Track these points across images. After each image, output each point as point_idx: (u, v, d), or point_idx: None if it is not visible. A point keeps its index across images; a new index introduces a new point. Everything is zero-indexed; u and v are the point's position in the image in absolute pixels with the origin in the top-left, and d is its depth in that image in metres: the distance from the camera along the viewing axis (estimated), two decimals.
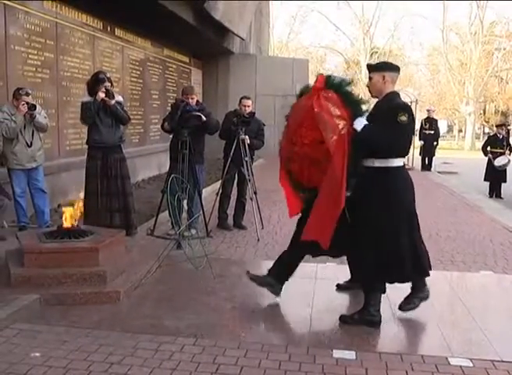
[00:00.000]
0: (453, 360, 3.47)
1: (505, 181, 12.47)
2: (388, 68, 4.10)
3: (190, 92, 6.55)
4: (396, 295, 4.46)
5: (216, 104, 15.61)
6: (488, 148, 12.85)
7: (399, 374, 3.29)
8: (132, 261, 5.13)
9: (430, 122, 16.50)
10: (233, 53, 16.70)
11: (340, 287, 4.82)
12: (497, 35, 38.11)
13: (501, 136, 12.86)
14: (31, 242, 4.81)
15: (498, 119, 26.00)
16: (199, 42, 13.90)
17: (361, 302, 4.10)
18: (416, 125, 19.52)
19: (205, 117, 6.34)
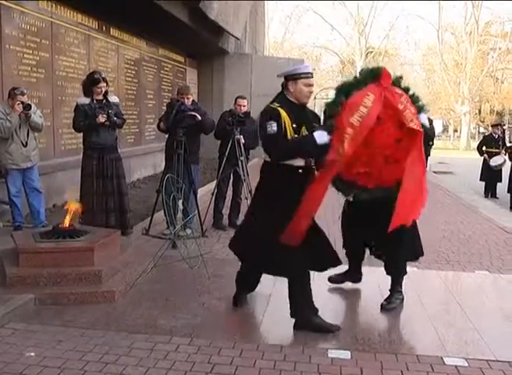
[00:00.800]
0: (448, 360, 3.47)
1: (500, 181, 12.50)
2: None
3: (186, 92, 6.53)
4: None
5: (211, 104, 15.61)
6: (483, 148, 12.90)
7: (394, 374, 3.29)
8: (127, 261, 5.12)
9: None
10: (228, 53, 16.68)
11: (332, 281, 4.84)
12: (492, 35, 38.30)
13: (496, 135, 12.89)
14: (26, 242, 4.80)
15: (493, 118, 26.04)
16: (194, 42, 13.88)
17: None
18: None
19: (200, 117, 6.33)
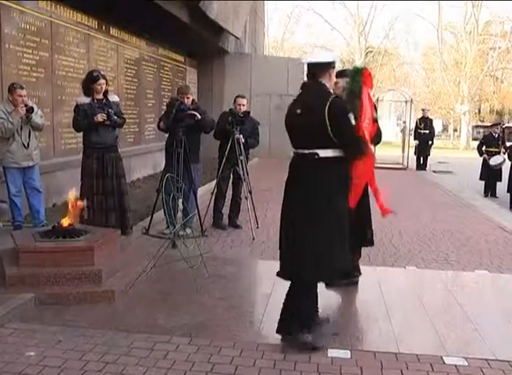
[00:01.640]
0: (448, 359, 3.48)
1: (500, 180, 12.50)
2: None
3: (186, 91, 6.53)
4: (393, 295, 4.48)
5: (211, 103, 15.61)
6: (483, 148, 12.90)
7: (394, 373, 3.29)
8: (127, 260, 5.12)
9: (425, 121, 16.55)
10: (228, 52, 16.67)
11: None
12: (492, 34, 38.27)
13: (496, 135, 12.90)
14: (26, 241, 4.79)
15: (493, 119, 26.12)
16: (194, 41, 13.88)
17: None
18: (411, 124, 19.34)
19: (200, 116, 6.34)
